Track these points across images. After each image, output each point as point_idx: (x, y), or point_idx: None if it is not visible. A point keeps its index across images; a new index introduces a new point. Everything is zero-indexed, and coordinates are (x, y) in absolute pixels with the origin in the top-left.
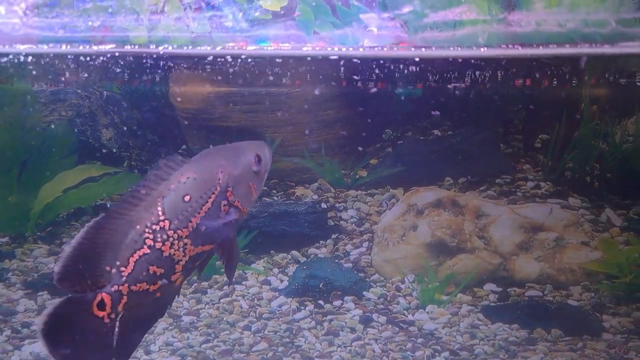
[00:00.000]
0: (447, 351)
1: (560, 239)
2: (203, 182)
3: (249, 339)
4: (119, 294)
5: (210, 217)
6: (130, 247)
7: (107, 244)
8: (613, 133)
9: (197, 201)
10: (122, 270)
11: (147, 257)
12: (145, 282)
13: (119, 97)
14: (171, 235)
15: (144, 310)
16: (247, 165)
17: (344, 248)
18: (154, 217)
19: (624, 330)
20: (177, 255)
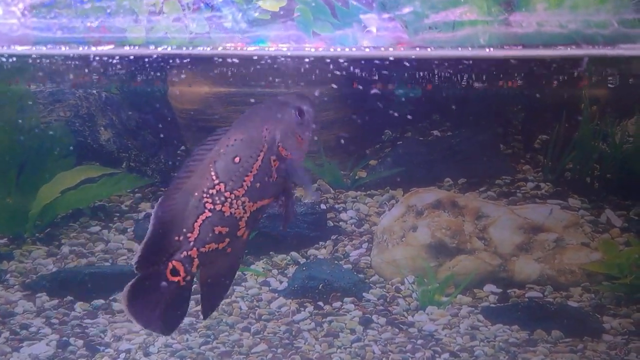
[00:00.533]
0: (447, 352)
1: (560, 240)
2: (250, 142)
3: (249, 341)
4: (189, 258)
5: (262, 173)
6: (193, 214)
7: (172, 220)
8: (613, 134)
9: (247, 161)
10: (189, 236)
11: (210, 220)
12: (213, 242)
13: (118, 98)
14: (228, 197)
15: (218, 265)
16: (289, 119)
17: (343, 249)
18: (209, 182)
19: (624, 331)
20: (238, 213)
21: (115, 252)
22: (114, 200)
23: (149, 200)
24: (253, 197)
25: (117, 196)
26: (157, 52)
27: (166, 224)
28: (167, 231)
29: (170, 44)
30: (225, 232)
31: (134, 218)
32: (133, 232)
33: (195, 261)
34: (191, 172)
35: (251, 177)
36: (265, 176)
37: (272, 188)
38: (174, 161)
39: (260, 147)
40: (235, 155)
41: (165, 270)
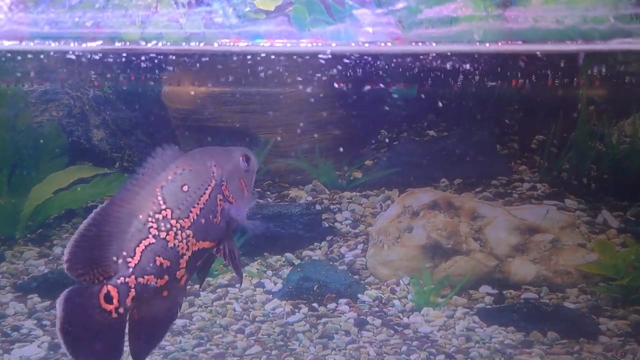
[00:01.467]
0: (442, 354)
1: (557, 241)
2: (199, 174)
3: (242, 342)
4: (126, 286)
5: (208, 209)
6: (136, 237)
7: (112, 232)
8: (610, 134)
9: (195, 192)
10: (129, 261)
11: (153, 247)
12: (153, 275)
13: (111, 97)
14: (174, 225)
15: (153, 310)
16: (236, 163)
17: (338, 250)
18: (155, 205)
19: (620, 333)
20: (181, 248)
21: None
22: (107, 200)
23: None
24: (197, 234)
25: (110, 197)
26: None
27: (104, 234)
28: (104, 244)
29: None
30: (166, 267)
31: None
32: None
33: (131, 292)
34: (136, 193)
35: (198, 210)
36: (210, 214)
37: (215, 230)
38: None
39: (208, 181)
40: (184, 184)
41: (99, 294)
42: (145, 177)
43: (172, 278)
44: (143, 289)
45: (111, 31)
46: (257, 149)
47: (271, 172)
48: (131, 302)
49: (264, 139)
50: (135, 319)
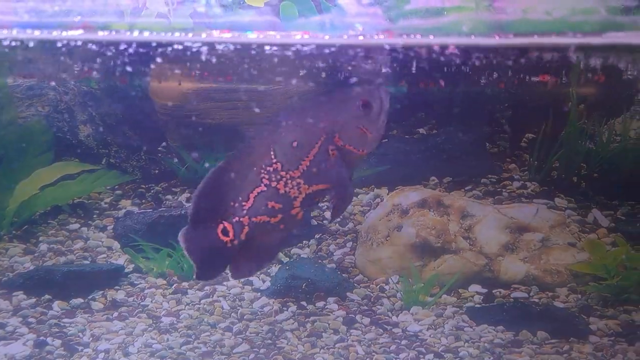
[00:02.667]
0: (431, 353)
1: (547, 240)
2: (308, 130)
3: (230, 341)
4: (240, 224)
5: (319, 160)
6: (250, 185)
7: (229, 183)
8: (600, 132)
9: (304, 147)
10: (244, 205)
11: (264, 194)
12: (266, 215)
13: (97, 92)
14: (284, 176)
15: (269, 238)
16: (351, 112)
17: (327, 248)
18: (267, 160)
19: (611, 332)
20: (292, 193)
21: (94, 250)
22: (93, 197)
23: (129, 198)
24: (309, 180)
25: (96, 193)
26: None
27: (223, 186)
28: (223, 192)
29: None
30: (278, 208)
31: (114, 215)
32: (113, 230)
33: (245, 228)
34: (252, 149)
35: (307, 162)
36: (322, 163)
37: (330, 174)
38: (155, 158)
39: (317, 137)
40: (294, 140)
41: (217, 228)
42: (261, 136)
43: (286, 216)
44: (257, 226)
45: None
46: None
47: None
48: (245, 237)
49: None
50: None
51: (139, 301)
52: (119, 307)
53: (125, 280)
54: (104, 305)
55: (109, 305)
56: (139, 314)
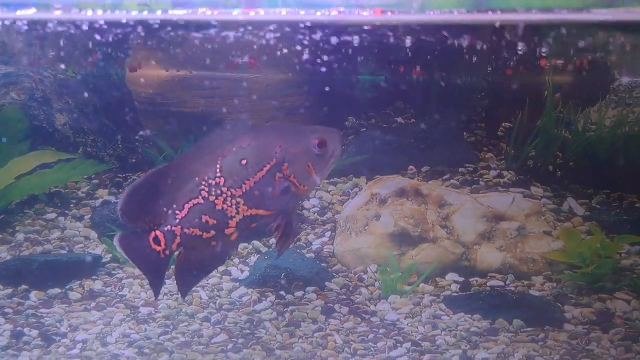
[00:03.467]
0: (409, 342)
1: (523, 229)
2: (260, 151)
3: (209, 331)
4: (172, 233)
5: (264, 183)
6: (187, 195)
7: (166, 188)
8: (576, 121)
9: (252, 167)
10: (177, 213)
11: (200, 207)
12: (198, 229)
13: (74, 81)
14: (224, 192)
15: (202, 254)
16: (306, 147)
17: (306, 238)
18: (211, 172)
19: (585, 321)
20: (229, 211)
21: (71, 240)
22: (70, 186)
23: (106, 187)
24: (249, 202)
25: (73, 182)
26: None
27: (159, 188)
28: (158, 197)
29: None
30: (212, 224)
31: (91, 205)
32: (90, 220)
33: (177, 239)
34: (198, 156)
35: (252, 183)
36: (267, 188)
37: (271, 202)
38: (132, 146)
39: (268, 159)
40: (243, 158)
41: (148, 237)
42: (210, 146)
43: (219, 233)
44: (188, 237)
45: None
46: None
47: None
48: (176, 247)
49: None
50: (184, 258)
51: (117, 291)
52: (97, 297)
53: (102, 270)
54: (82, 295)
55: (87, 295)
56: (117, 304)
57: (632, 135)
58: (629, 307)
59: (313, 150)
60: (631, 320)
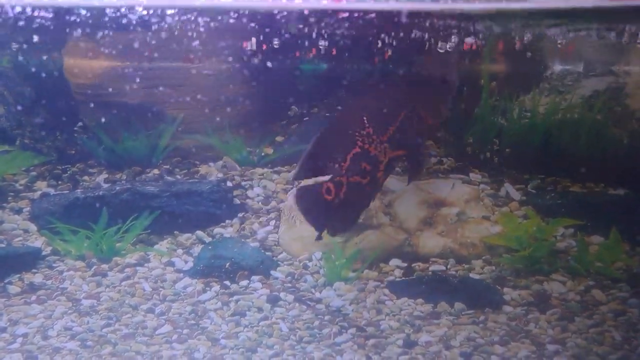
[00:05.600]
0: (353, 327)
1: (462, 214)
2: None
3: (153, 322)
4: (340, 183)
5: (402, 127)
6: (347, 148)
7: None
8: (511, 109)
9: (392, 115)
10: (342, 165)
11: (358, 155)
12: (359, 176)
13: (10, 71)
14: (375, 139)
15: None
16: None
17: (250, 227)
18: (360, 125)
19: (523, 302)
20: (380, 156)
21: (9, 233)
22: (7, 178)
23: (45, 179)
24: (392, 145)
25: (10, 175)
26: None
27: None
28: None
29: None
30: (368, 170)
31: (30, 197)
32: (29, 212)
33: (344, 187)
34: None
35: (394, 127)
36: (406, 130)
37: (406, 141)
38: (71, 138)
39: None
40: (384, 108)
41: (321, 189)
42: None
43: (373, 178)
44: (352, 186)
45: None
46: (164, 126)
47: (180, 149)
48: (343, 196)
49: (172, 116)
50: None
51: (58, 284)
52: (37, 291)
53: (42, 263)
54: (21, 289)
55: (27, 289)
56: (58, 297)
57: (565, 121)
58: (564, 288)
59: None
60: (567, 301)
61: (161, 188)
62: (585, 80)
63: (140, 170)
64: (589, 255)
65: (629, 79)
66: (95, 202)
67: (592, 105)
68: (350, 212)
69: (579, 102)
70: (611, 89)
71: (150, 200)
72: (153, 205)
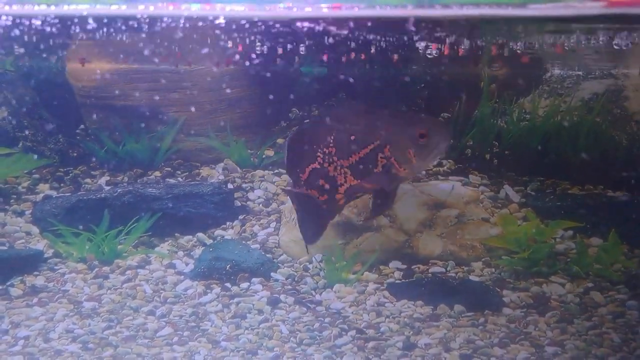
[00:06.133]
0: (353, 330)
1: (462, 216)
2: (368, 131)
3: (154, 324)
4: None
5: (367, 160)
6: (307, 160)
7: (299, 155)
8: (511, 111)
9: (359, 143)
10: (301, 177)
11: (317, 171)
12: (316, 191)
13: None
14: (335, 161)
15: (314, 212)
16: (409, 135)
17: (251, 229)
18: (325, 142)
19: (523, 304)
20: (339, 179)
21: (12, 236)
22: (10, 181)
23: (47, 182)
24: (355, 173)
25: (13, 177)
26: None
27: (294, 153)
28: (294, 160)
29: None
30: (326, 188)
31: (32, 200)
32: (31, 215)
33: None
34: (320, 127)
35: (357, 157)
36: (370, 164)
37: (373, 176)
38: (73, 140)
39: (373, 139)
40: (353, 134)
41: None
42: (327, 120)
43: (331, 198)
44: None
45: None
46: (166, 129)
47: (182, 151)
48: (298, 206)
49: (174, 118)
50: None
51: (59, 286)
52: (39, 293)
53: (44, 265)
54: (23, 292)
55: (28, 291)
56: (60, 300)
57: (564, 124)
58: (563, 290)
59: (413, 141)
60: (566, 303)
61: (162, 190)
62: (585, 82)
63: (142, 173)
64: (588, 257)
65: (628, 81)
66: (97, 205)
67: (591, 107)
68: (307, 224)
69: (578, 105)
70: (610, 91)
71: (151, 203)
72: (154, 207)
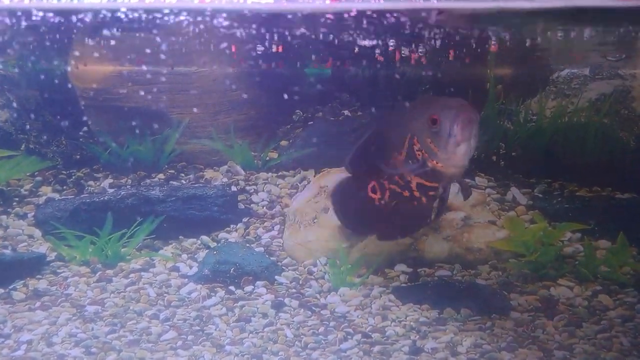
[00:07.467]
0: (359, 334)
1: (468, 218)
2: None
3: (157, 328)
4: (383, 185)
5: (409, 155)
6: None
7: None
8: (518, 112)
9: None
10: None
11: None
12: (397, 186)
13: (16, 77)
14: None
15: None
16: (423, 122)
17: (255, 232)
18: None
19: (530, 308)
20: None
21: (14, 239)
22: (12, 184)
23: (50, 184)
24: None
25: (15, 180)
26: None
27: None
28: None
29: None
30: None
31: (35, 203)
32: (33, 218)
33: (387, 191)
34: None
35: (403, 155)
36: (411, 158)
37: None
38: (76, 143)
39: (407, 132)
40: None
41: (368, 186)
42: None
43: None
44: (393, 192)
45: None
46: (170, 131)
47: (185, 153)
48: (388, 198)
49: (177, 120)
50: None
51: (62, 290)
52: (42, 297)
53: (47, 268)
54: (26, 295)
55: (31, 295)
56: (63, 303)
57: (571, 125)
58: (571, 294)
59: (427, 128)
60: (574, 306)
61: (166, 193)
62: (592, 83)
63: (146, 175)
64: (596, 260)
65: (636, 82)
66: (100, 207)
67: (598, 108)
68: (403, 222)
69: (586, 106)
70: (618, 92)
71: (155, 205)
72: (158, 210)
